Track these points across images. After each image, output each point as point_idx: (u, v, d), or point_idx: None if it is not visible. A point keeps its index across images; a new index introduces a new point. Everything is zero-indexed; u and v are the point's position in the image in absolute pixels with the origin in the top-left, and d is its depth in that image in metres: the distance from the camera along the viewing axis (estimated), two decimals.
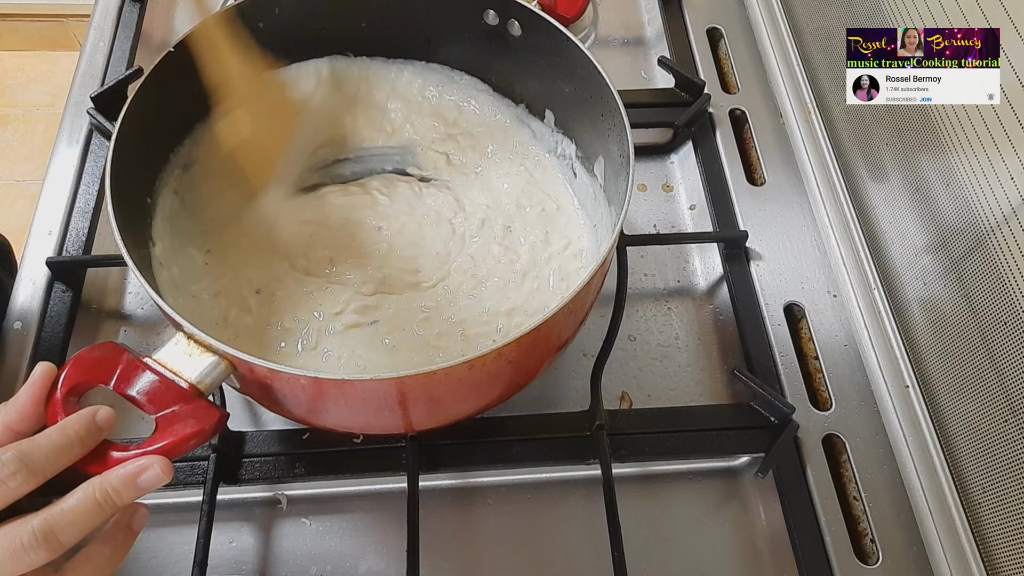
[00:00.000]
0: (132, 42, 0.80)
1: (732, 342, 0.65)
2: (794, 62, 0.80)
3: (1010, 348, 0.52)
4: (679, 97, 0.77)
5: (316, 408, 0.49)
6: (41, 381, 0.41)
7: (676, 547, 0.56)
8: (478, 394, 0.51)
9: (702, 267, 0.70)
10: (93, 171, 0.71)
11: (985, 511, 0.55)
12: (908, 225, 0.64)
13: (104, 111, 0.71)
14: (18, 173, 1.79)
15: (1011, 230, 0.51)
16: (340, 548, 0.55)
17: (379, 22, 0.65)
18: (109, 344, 0.44)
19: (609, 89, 0.54)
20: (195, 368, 0.43)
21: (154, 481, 0.39)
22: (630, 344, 0.64)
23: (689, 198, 0.74)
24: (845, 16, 0.73)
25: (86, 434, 0.39)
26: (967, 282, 0.56)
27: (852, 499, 0.58)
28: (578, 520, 0.57)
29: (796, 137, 0.77)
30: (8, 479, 0.36)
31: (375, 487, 0.57)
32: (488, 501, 0.57)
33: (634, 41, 0.86)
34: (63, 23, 1.93)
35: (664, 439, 0.58)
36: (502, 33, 0.62)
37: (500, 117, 0.68)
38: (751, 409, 0.60)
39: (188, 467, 0.55)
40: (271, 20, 0.61)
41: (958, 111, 0.56)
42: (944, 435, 0.59)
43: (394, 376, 0.43)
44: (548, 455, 0.57)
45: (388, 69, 0.68)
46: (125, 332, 0.64)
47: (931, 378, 0.61)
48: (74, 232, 0.67)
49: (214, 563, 0.52)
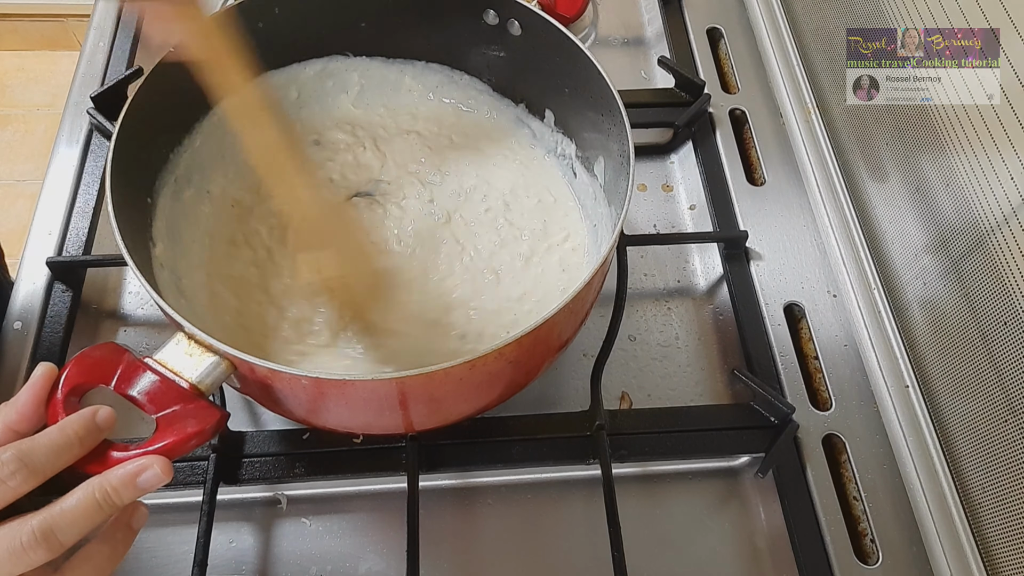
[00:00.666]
0: (132, 42, 0.80)
1: (732, 342, 0.65)
2: (794, 62, 0.80)
3: (1010, 348, 0.52)
4: (679, 97, 0.77)
5: (316, 408, 0.49)
6: (42, 381, 0.41)
7: (676, 547, 0.56)
8: (478, 394, 0.51)
9: (702, 267, 0.70)
10: (93, 171, 0.71)
11: (985, 511, 0.55)
12: (908, 225, 0.64)
13: (104, 111, 0.71)
14: (18, 173, 1.79)
15: (1011, 230, 0.51)
16: (340, 548, 0.55)
17: (379, 22, 0.65)
18: (110, 344, 0.44)
19: (609, 89, 0.54)
20: (196, 368, 0.43)
21: (154, 481, 0.39)
22: (630, 344, 0.64)
23: (689, 198, 0.74)
24: (845, 16, 0.73)
25: (86, 434, 0.39)
26: (967, 282, 0.56)
27: (852, 499, 0.58)
28: (578, 520, 0.57)
29: (796, 137, 0.77)
30: (8, 478, 0.36)
31: (375, 487, 0.57)
32: (488, 501, 0.57)
33: (634, 41, 0.86)
34: (63, 23, 1.93)
35: (664, 439, 0.58)
36: (502, 33, 0.62)
37: (500, 117, 0.68)
38: (751, 409, 0.60)
39: (188, 467, 0.55)
40: (271, 20, 0.61)
41: (958, 111, 0.56)
42: (944, 435, 0.59)
43: (394, 376, 0.43)
44: (548, 455, 0.57)
45: (388, 69, 0.68)
46: (125, 332, 0.64)
47: (931, 378, 0.61)
48: (74, 232, 0.67)
49: (214, 563, 0.52)
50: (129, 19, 0.82)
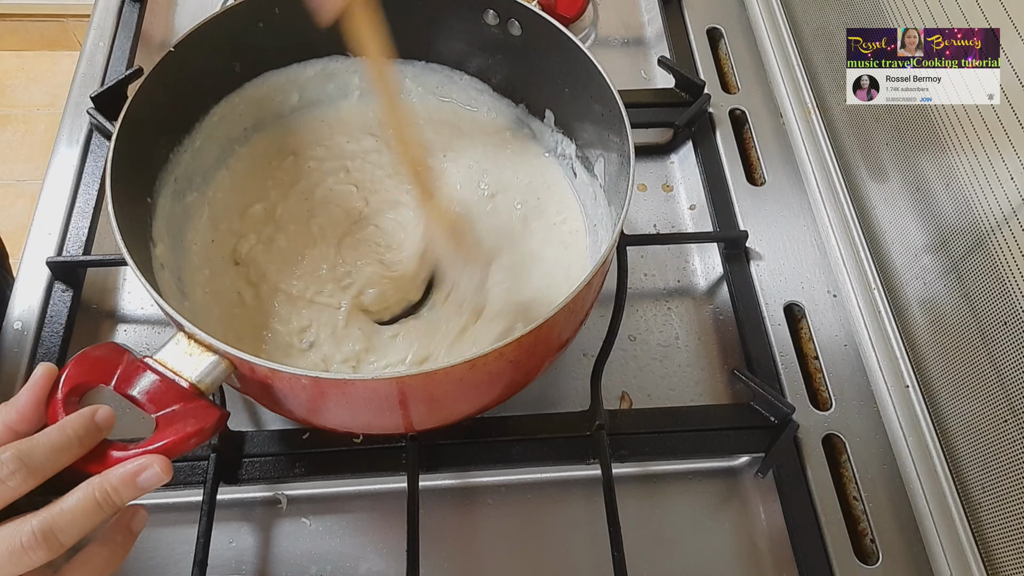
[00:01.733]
0: (132, 42, 0.80)
1: (732, 342, 0.65)
2: (794, 62, 0.80)
3: (1010, 348, 0.52)
4: (679, 97, 0.77)
5: (317, 408, 0.49)
6: (42, 381, 0.41)
7: (676, 547, 0.56)
8: (478, 394, 0.51)
9: (702, 267, 0.70)
10: (93, 171, 0.71)
11: (985, 511, 0.55)
12: (908, 225, 0.64)
13: (104, 111, 0.71)
14: (18, 173, 1.79)
15: (1011, 230, 0.51)
16: (340, 548, 0.55)
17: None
18: (110, 344, 0.44)
19: (609, 89, 0.54)
20: (196, 368, 0.43)
21: (154, 480, 0.39)
22: (630, 344, 0.64)
23: (689, 198, 0.74)
24: (845, 16, 0.73)
25: (85, 433, 0.39)
26: (967, 282, 0.56)
27: (852, 499, 0.58)
28: (578, 520, 0.57)
29: (796, 137, 0.77)
30: (8, 478, 0.36)
31: (375, 487, 0.57)
32: (488, 501, 0.57)
33: (634, 41, 0.86)
34: (63, 23, 1.93)
35: (664, 439, 0.58)
36: (502, 33, 0.62)
37: (500, 117, 0.68)
38: (751, 409, 0.60)
39: (188, 467, 0.55)
40: (271, 20, 0.61)
41: (958, 111, 0.56)
42: (944, 435, 0.59)
43: (395, 376, 0.43)
44: (548, 455, 0.57)
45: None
46: (125, 332, 0.64)
47: (931, 378, 0.61)
48: (74, 232, 0.67)
49: (214, 563, 0.52)
50: (129, 19, 0.82)
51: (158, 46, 0.82)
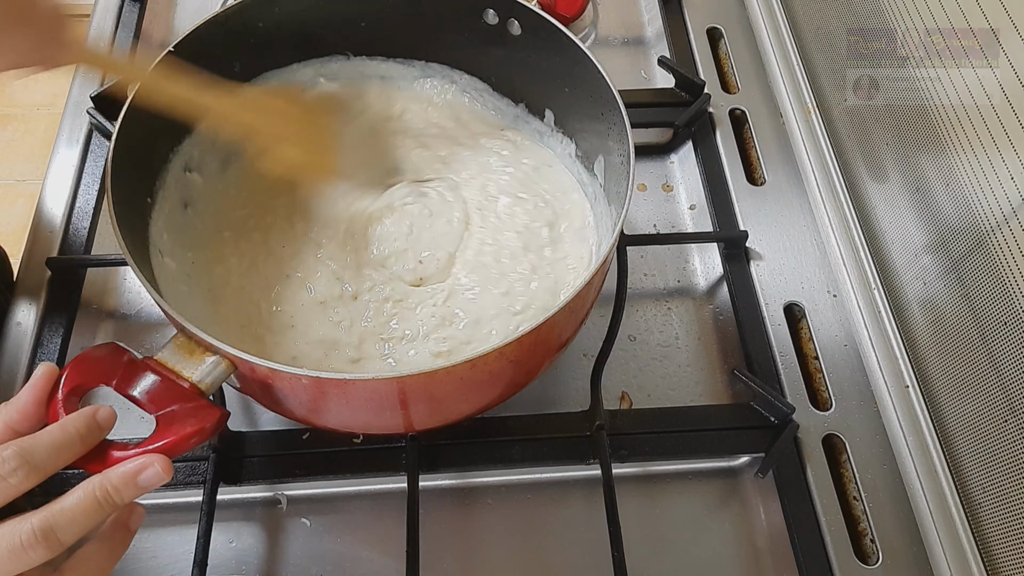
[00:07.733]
0: (132, 42, 0.80)
1: (732, 342, 0.65)
2: (794, 62, 0.80)
3: (1010, 348, 0.52)
4: (679, 97, 0.77)
5: (317, 408, 0.49)
6: (42, 381, 0.41)
7: (676, 547, 0.56)
8: (479, 393, 0.51)
9: (702, 267, 0.70)
10: (93, 171, 0.71)
11: (985, 511, 0.55)
12: (908, 225, 0.64)
13: (104, 111, 0.71)
14: (18, 173, 1.79)
15: (1011, 230, 0.51)
16: (340, 548, 0.55)
17: (379, 22, 0.65)
18: (110, 344, 0.44)
19: (609, 89, 0.54)
20: (196, 368, 0.43)
21: (154, 480, 0.39)
22: (630, 344, 0.64)
23: (689, 198, 0.74)
24: (845, 16, 0.73)
25: (86, 432, 0.39)
26: (967, 282, 0.56)
27: (852, 499, 0.58)
28: (578, 520, 0.57)
29: (796, 137, 0.77)
30: (9, 475, 0.36)
31: (375, 487, 0.57)
32: (488, 501, 0.57)
33: (634, 41, 0.86)
34: None
35: (664, 439, 0.58)
36: (502, 33, 0.62)
37: (500, 116, 0.68)
38: (751, 409, 0.60)
39: (188, 467, 0.55)
40: (271, 20, 0.61)
41: (958, 111, 0.56)
42: (944, 435, 0.59)
43: (395, 376, 0.43)
44: (548, 455, 0.57)
45: (388, 69, 0.68)
46: (125, 332, 0.64)
47: (931, 378, 0.61)
48: (74, 232, 0.67)
49: (214, 563, 0.52)
50: (129, 19, 0.82)
51: (158, 46, 0.82)
